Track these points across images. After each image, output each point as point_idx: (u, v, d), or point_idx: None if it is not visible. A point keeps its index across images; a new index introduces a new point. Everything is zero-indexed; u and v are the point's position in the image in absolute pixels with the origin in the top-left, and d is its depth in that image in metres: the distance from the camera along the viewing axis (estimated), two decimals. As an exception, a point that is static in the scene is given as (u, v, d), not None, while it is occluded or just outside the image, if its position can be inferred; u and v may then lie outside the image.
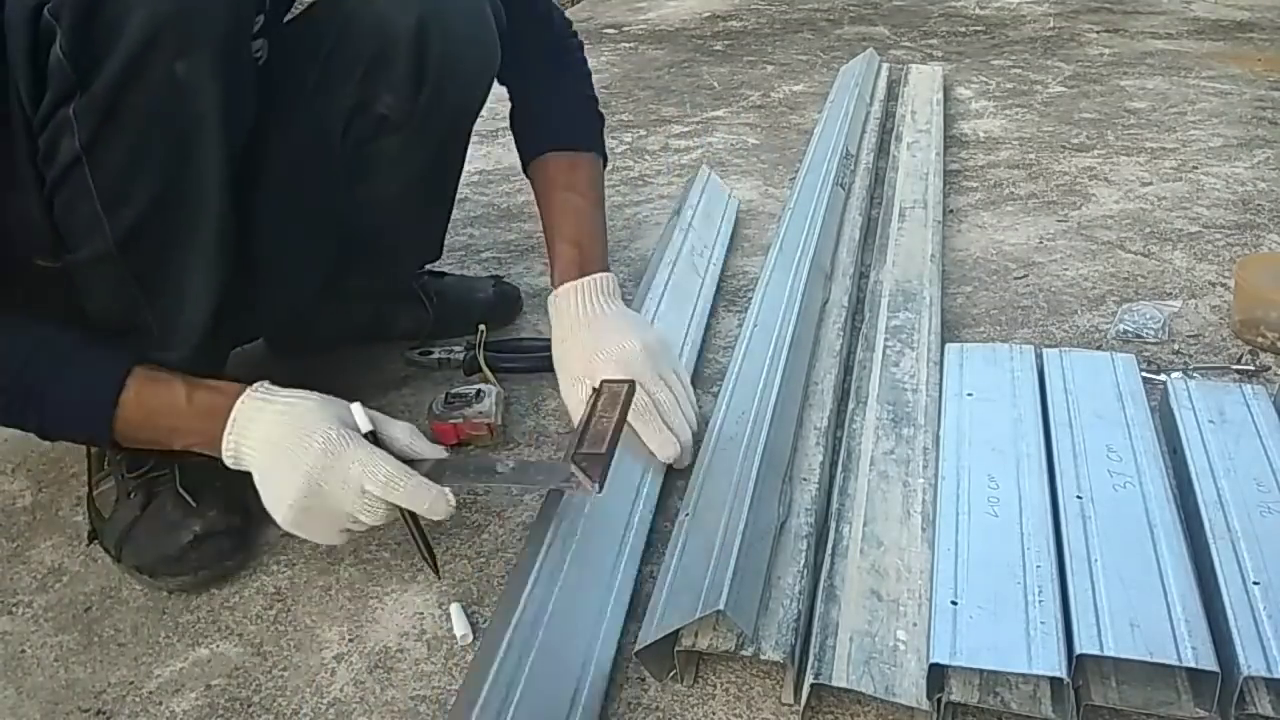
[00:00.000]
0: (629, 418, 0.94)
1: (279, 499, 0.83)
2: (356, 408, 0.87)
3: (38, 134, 0.79)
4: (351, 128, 1.02)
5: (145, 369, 0.86)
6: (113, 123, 0.78)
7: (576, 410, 0.98)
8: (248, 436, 0.84)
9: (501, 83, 1.16)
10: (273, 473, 0.83)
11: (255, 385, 0.87)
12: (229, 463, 0.85)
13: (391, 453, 0.85)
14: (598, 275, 1.05)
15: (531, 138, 1.18)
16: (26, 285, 0.87)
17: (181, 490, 0.96)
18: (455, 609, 0.89)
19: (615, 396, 0.94)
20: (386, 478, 0.82)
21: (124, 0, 0.75)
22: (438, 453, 0.88)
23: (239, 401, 0.85)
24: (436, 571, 0.91)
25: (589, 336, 1.01)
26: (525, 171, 1.19)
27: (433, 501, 0.83)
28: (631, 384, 0.97)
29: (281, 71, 1.00)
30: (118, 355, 0.86)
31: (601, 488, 0.85)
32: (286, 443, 0.83)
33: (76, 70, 0.76)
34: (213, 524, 0.94)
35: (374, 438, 0.85)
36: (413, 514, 0.86)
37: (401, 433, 0.88)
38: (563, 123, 1.14)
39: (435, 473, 0.86)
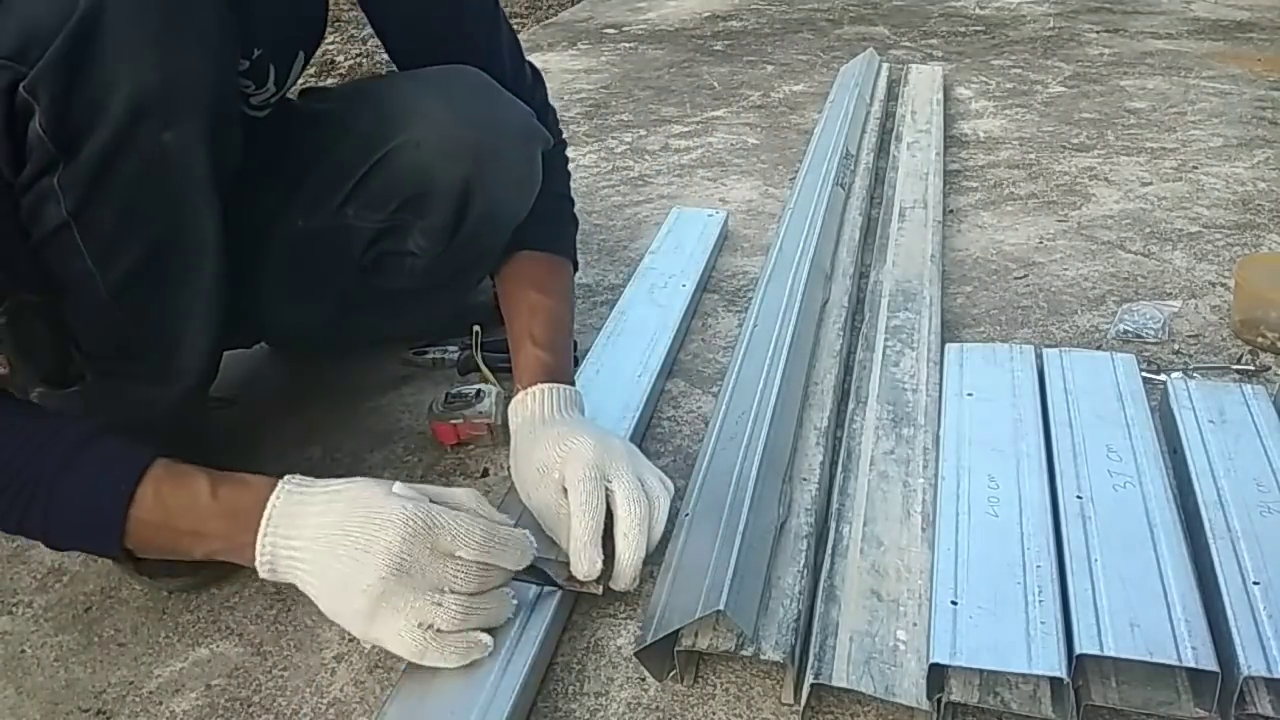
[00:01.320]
0: (571, 509, 0.84)
1: (349, 587, 0.72)
2: (400, 485, 0.78)
3: (19, 196, 0.77)
4: (377, 243, 1.00)
5: (165, 463, 0.75)
6: (100, 192, 0.77)
7: (545, 500, 0.87)
8: (292, 535, 0.73)
9: None
10: (336, 564, 0.72)
11: (287, 478, 0.76)
12: (264, 571, 0.74)
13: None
14: (567, 387, 0.96)
15: None
16: (13, 315, 0.85)
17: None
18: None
19: None
20: (484, 536, 0.74)
21: (105, 76, 0.73)
22: (504, 519, 0.80)
23: (273, 496, 0.74)
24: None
25: (560, 430, 0.89)
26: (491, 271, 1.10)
27: (524, 552, 0.77)
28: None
29: (309, 152, 1.00)
30: (136, 450, 0.75)
31: (604, 589, 0.84)
32: (350, 525, 0.72)
33: (57, 145, 0.74)
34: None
35: None
36: None
37: (468, 499, 0.78)
38: (538, 225, 1.05)
39: None
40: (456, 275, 1.07)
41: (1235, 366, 1.21)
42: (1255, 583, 0.81)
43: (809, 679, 0.77)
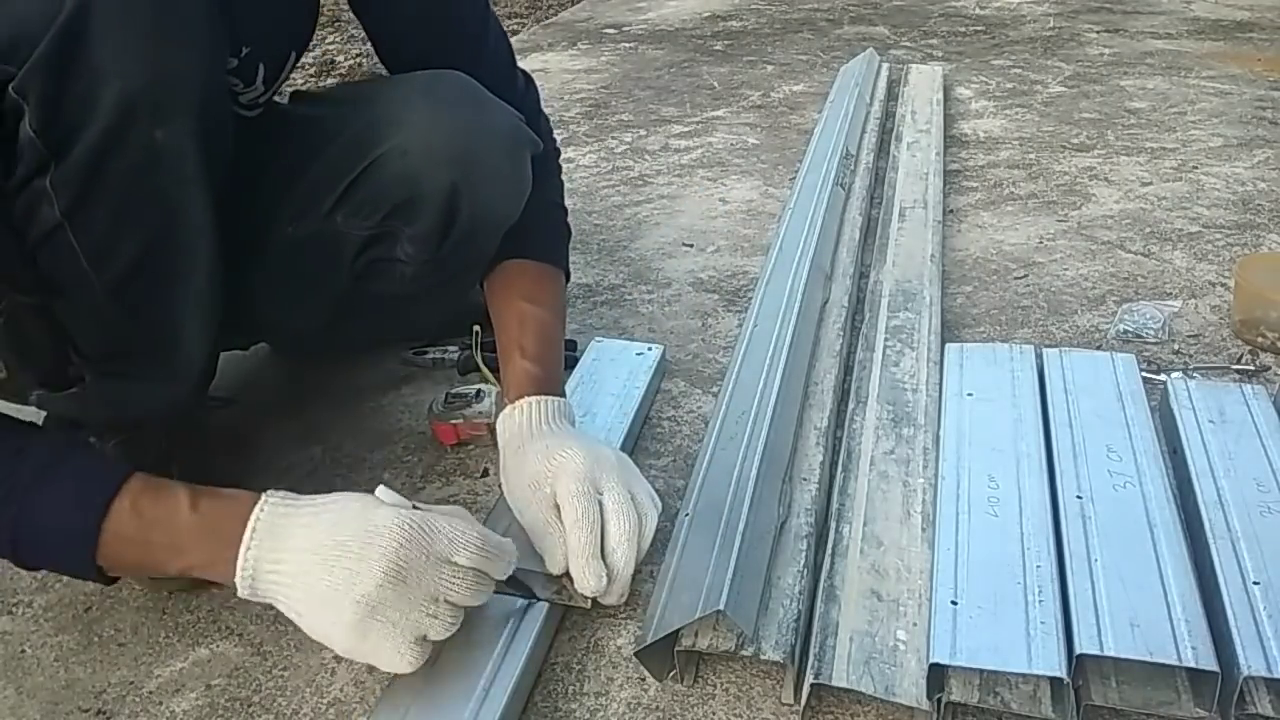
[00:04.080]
0: (567, 524, 0.83)
1: (340, 601, 0.70)
2: (384, 490, 0.77)
3: (11, 198, 0.77)
4: (367, 250, 1.00)
5: (142, 477, 0.74)
6: (93, 192, 0.77)
7: (536, 516, 0.86)
8: (278, 549, 0.72)
9: None
10: (326, 577, 0.71)
11: (270, 492, 0.75)
12: (243, 590, 0.72)
13: None
14: (555, 398, 0.95)
15: None
16: (9, 317, 0.84)
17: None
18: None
19: None
20: (480, 541, 0.74)
21: (95, 75, 0.72)
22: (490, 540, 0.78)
23: (257, 509, 0.73)
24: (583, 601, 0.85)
25: (549, 443, 0.88)
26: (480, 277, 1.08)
27: (510, 560, 0.77)
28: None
29: (299, 157, 0.99)
30: (112, 464, 0.76)
31: (593, 603, 0.84)
32: (343, 535, 0.71)
33: (48, 145, 0.74)
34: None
35: None
36: None
37: (453, 511, 0.79)
38: (529, 233, 1.03)
39: None
40: (448, 282, 1.06)
41: (1235, 366, 1.21)
42: (1255, 583, 0.81)
43: (809, 679, 0.77)
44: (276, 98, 1.04)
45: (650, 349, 1.23)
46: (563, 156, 1.19)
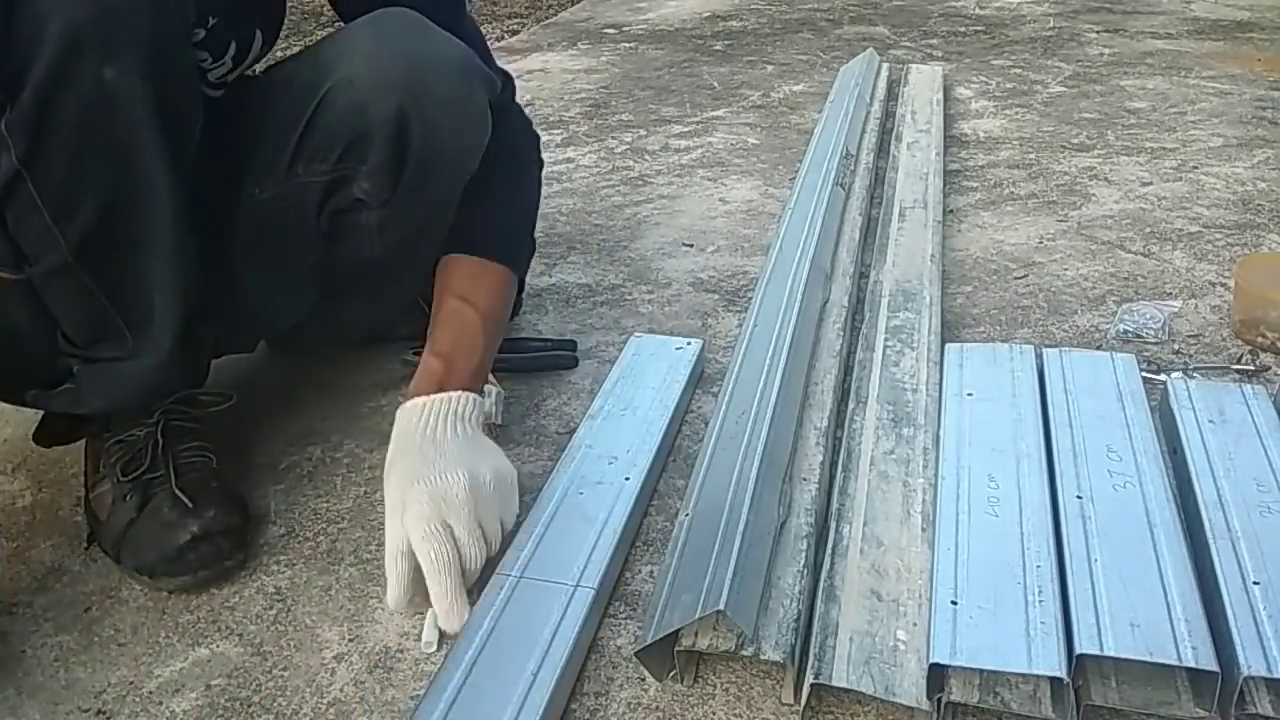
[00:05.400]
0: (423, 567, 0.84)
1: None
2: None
3: None
4: (329, 200, 0.99)
5: None
6: (47, 135, 0.77)
7: (393, 548, 0.85)
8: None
9: None
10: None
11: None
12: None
13: None
14: (454, 394, 0.91)
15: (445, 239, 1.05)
16: None
17: (178, 491, 0.95)
18: (430, 615, 0.86)
19: None
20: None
21: (38, 11, 0.73)
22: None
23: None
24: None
25: (417, 461, 0.87)
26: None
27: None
28: None
29: (258, 118, 0.99)
30: None
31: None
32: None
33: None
34: (210, 524, 0.94)
35: None
36: None
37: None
38: (485, 232, 1.03)
39: None
40: (414, 237, 1.03)
41: (1235, 366, 1.21)
42: (1255, 583, 0.81)
43: (809, 679, 0.77)
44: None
45: (690, 343, 1.24)
46: (563, 156, 1.18)
